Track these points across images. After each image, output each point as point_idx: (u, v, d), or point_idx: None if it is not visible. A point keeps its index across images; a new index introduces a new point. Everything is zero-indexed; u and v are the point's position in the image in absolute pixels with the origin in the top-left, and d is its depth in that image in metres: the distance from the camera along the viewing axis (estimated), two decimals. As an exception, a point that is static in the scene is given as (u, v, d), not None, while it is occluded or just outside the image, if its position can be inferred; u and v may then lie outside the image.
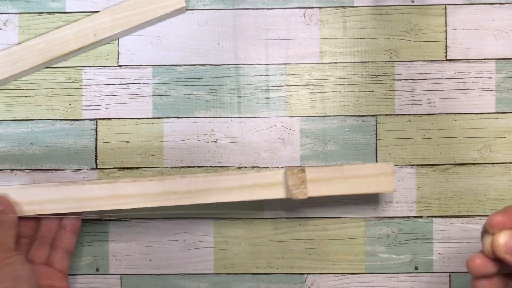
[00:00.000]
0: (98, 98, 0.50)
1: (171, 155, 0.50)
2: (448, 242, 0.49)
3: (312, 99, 0.50)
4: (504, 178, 0.49)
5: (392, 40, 0.50)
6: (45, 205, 0.44)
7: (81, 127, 0.50)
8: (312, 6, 0.50)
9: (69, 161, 0.50)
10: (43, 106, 0.50)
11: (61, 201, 0.44)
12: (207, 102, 0.50)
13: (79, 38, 0.49)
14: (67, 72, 0.50)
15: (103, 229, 0.50)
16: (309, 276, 0.49)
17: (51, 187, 0.44)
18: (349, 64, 0.50)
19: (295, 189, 0.43)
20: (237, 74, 0.50)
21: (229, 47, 0.50)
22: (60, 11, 0.50)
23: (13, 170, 0.50)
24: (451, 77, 0.50)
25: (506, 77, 0.50)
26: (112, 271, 0.50)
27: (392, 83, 0.50)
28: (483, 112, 0.50)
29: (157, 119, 0.50)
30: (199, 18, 0.50)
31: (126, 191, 0.44)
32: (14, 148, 0.50)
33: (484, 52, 0.50)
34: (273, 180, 0.44)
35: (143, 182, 0.44)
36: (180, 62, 0.50)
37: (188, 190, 0.44)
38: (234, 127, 0.50)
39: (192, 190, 0.44)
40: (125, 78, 0.50)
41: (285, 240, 0.50)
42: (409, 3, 0.50)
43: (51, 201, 0.44)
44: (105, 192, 0.44)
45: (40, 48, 0.49)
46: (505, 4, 0.50)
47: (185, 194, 0.44)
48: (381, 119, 0.50)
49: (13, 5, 0.50)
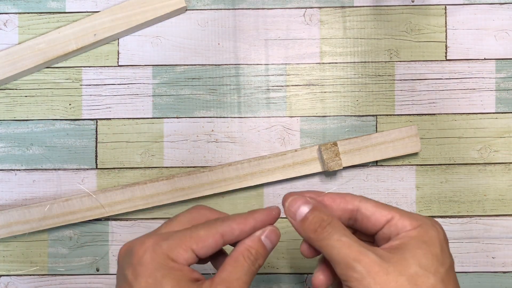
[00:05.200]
0: (98, 98, 0.50)
1: (171, 155, 0.50)
2: (448, 242, 0.49)
3: (312, 99, 0.50)
4: (503, 178, 0.49)
5: (392, 40, 0.50)
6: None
7: (81, 127, 0.50)
8: (312, 6, 0.50)
9: (69, 161, 0.50)
10: (43, 106, 0.50)
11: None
12: (207, 102, 0.50)
13: (79, 38, 0.49)
14: (67, 72, 0.50)
15: (103, 229, 0.50)
16: (309, 276, 0.49)
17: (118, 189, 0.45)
18: (349, 64, 0.50)
19: (331, 161, 0.47)
20: (237, 74, 0.50)
21: (229, 47, 0.50)
22: (60, 11, 0.50)
23: (13, 170, 0.50)
24: (451, 77, 0.50)
25: (506, 77, 0.50)
26: (112, 271, 0.50)
27: (392, 83, 0.50)
28: (483, 112, 0.50)
29: (157, 119, 0.50)
30: (199, 18, 0.50)
31: (183, 184, 0.48)
32: (14, 148, 0.50)
33: (484, 52, 0.50)
34: (310, 156, 0.48)
35: (194, 173, 0.48)
36: (180, 62, 0.50)
37: (236, 175, 0.48)
38: (234, 127, 0.50)
39: (240, 175, 0.48)
40: (125, 78, 0.50)
41: (285, 240, 0.50)
42: (409, 3, 0.50)
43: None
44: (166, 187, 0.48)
45: (40, 48, 0.49)
46: (505, 4, 0.50)
47: (234, 180, 0.48)
48: (381, 119, 0.50)
49: (13, 5, 0.50)
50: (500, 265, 0.49)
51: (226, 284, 0.31)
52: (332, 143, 0.47)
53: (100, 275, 0.50)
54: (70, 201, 0.48)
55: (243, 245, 0.33)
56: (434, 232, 0.32)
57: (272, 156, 0.48)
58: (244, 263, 0.32)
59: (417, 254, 0.31)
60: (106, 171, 0.50)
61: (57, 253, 0.50)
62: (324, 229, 0.32)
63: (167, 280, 0.30)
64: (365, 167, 0.50)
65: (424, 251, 0.31)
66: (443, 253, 0.32)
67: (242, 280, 0.32)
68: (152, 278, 0.30)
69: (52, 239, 0.50)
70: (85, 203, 0.48)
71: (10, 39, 0.50)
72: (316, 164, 0.48)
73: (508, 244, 0.49)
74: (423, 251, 0.31)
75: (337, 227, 0.32)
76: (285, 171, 0.48)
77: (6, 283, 0.50)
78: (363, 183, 0.50)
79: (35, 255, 0.50)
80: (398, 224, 0.33)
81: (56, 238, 0.50)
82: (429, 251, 0.31)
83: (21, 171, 0.50)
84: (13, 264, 0.50)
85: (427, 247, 0.31)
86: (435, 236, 0.32)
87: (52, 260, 0.50)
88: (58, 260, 0.50)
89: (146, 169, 0.50)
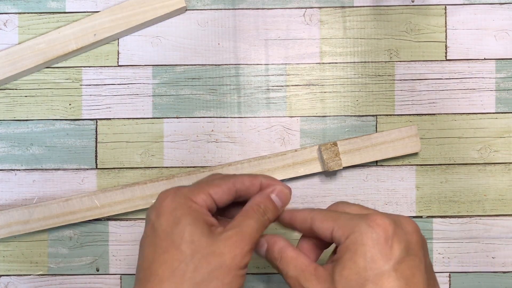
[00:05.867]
0: (98, 98, 0.50)
1: (171, 155, 0.50)
2: (447, 242, 0.49)
3: (312, 99, 0.50)
4: (503, 178, 0.49)
5: (392, 40, 0.50)
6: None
7: (81, 127, 0.50)
8: (312, 6, 0.50)
9: (69, 161, 0.50)
10: (43, 106, 0.50)
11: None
12: (207, 102, 0.50)
13: (79, 38, 0.49)
14: (67, 72, 0.50)
15: (103, 229, 0.50)
16: (309, 276, 0.49)
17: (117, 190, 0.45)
18: (349, 64, 0.50)
19: (331, 161, 0.47)
20: (237, 74, 0.50)
21: (229, 47, 0.50)
22: (60, 11, 0.50)
23: (13, 170, 0.50)
24: (451, 77, 0.50)
25: (505, 77, 0.50)
26: (112, 271, 0.50)
27: (392, 83, 0.50)
28: (483, 112, 0.50)
29: (157, 119, 0.50)
30: (199, 18, 0.50)
31: (183, 184, 0.48)
32: (14, 148, 0.50)
33: (484, 52, 0.50)
34: (310, 156, 0.48)
35: (194, 173, 0.48)
36: (180, 62, 0.50)
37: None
38: (234, 127, 0.50)
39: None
40: (125, 78, 0.50)
41: (285, 240, 0.50)
42: (409, 3, 0.50)
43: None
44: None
45: (40, 48, 0.49)
46: (505, 4, 0.50)
47: None
48: (381, 119, 0.50)
49: (13, 5, 0.50)
50: (500, 265, 0.49)
51: (237, 229, 0.34)
52: (332, 143, 0.47)
53: (100, 275, 0.50)
54: (70, 201, 0.48)
55: (253, 200, 0.36)
56: (369, 234, 0.33)
57: (272, 156, 0.48)
58: (254, 214, 0.35)
59: (346, 265, 0.32)
60: (106, 171, 0.50)
61: (57, 253, 0.50)
62: (279, 261, 0.36)
63: (185, 218, 0.32)
64: (365, 167, 0.50)
65: (354, 259, 0.32)
66: (383, 250, 0.32)
67: (251, 227, 0.34)
68: (172, 216, 0.33)
69: (52, 239, 0.50)
70: (85, 203, 0.48)
71: (10, 39, 0.50)
72: (316, 164, 0.48)
73: (508, 244, 0.49)
74: (352, 260, 0.32)
75: (288, 258, 0.35)
76: (285, 171, 0.48)
77: (6, 283, 0.50)
78: (363, 183, 0.50)
79: (35, 255, 0.50)
80: (336, 236, 0.34)
81: (56, 238, 0.50)
82: (361, 255, 0.32)
83: (21, 171, 0.50)
84: (13, 264, 0.50)
85: (358, 254, 0.32)
86: (369, 238, 0.32)
87: (52, 260, 0.50)
88: (58, 260, 0.50)
89: (146, 169, 0.50)
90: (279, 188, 0.37)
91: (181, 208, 0.33)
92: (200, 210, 0.34)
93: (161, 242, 0.33)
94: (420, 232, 0.35)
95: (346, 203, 0.37)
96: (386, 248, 0.32)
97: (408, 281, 0.32)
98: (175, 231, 0.32)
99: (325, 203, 0.49)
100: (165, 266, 0.32)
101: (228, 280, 0.33)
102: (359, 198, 0.49)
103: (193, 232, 0.32)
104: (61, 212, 0.48)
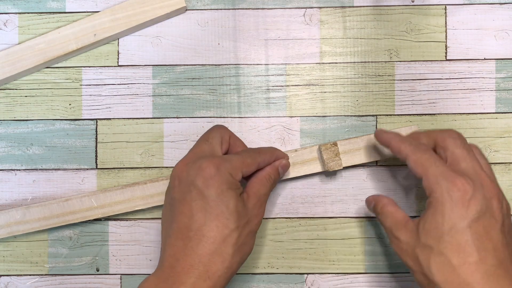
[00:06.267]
0: (98, 98, 0.50)
1: (171, 155, 0.50)
2: (448, 242, 0.49)
3: (312, 99, 0.50)
4: (504, 178, 0.49)
5: (392, 40, 0.50)
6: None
7: (81, 127, 0.50)
8: (312, 6, 0.50)
9: (69, 161, 0.50)
10: (43, 106, 0.50)
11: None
12: (207, 102, 0.50)
13: (79, 38, 0.49)
14: (67, 72, 0.50)
15: (103, 229, 0.50)
16: (309, 276, 0.49)
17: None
18: (349, 64, 0.50)
19: (331, 161, 0.47)
20: (237, 74, 0.50)
21: (229, 47, 0.50)
22: (60, 11, 0.50)
23: (13, 170, 0.50)
24: (451, 77, 0.50)
25: (505, 77, 0.50)
26: (112, 271, 0.50)
27: (392, 83, 0.50)
28: (482, 112, 0.50)
29: (157, 119, 0.50)
30: (199, 18, 0.50)
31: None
32: (14, 148, 0.50)
33: (484, 52, 0.50)
34: (310, 156, 0.48)
35: None
36: (180, 62, 0.50)
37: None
38: (234, 127, 0.50)
39: None
40: (125, 78, 0.50)
41: (285, 240, 0.50)
42: (409, 3, 0.50)
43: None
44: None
45: (40, 48, 0.49)
46: (505, 4, 0.50)
47: None
48: (381, 119, 0.50)
49: (13, 5, 0.50)
50: (500, 265, 0.49)
51: (257, 196, 0.43)
52: (332, 143, 0.47)
53: (100, 275, 0.50)
54: (70, 201, 0.48)
55: (266, 170, 0.44)
56: (448, 196, 0.38)
57: None
58: (267, 183, 0.44)
59: (428, 220, 0.39)
60: (106, 171, 0.50)
61: (57, 253, 0.50)
62: (380, 214, 0.44)
63: (230, 191, 0.40)
64: (365, 167, 0.50)
65: (434, 215, 0.38)
66: (460, 211, 0.37)
67: (266, 194, 0.44)
68: (220, 189, 0.40)
69: (52, 239, 0.50)
70: (85, 203, 0.48)
71: (10, 39, 0.50)
72: (316, 164, 0.48)
73: (508, 244, 0.49)
74: (433, 216, 0.38)
75: (387, 213, 0.43)
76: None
77: (6, 283, 0.50)
78: (363, 183, 0.50)
79: (35, 255, 0.50)
80: (424, 185, 0.40)
81: (56, 238, 0.50)
82: (440, 213, 0.38)
83: (21, 171, 0.50)
84: (13, 264, 0.50)
85: (438, 211, 0.38)
86: (447, 200, 0.38)
87: (52, 260, 0.50)
88: (58, 260, 0.50)
89: (146, 169, 0.50)
90: (284, 162, 0.46)
91: (227, 183, 0.40)
92: (237, 185, 0.41)
93: (212, 209, 0.40)
94: (502, 197, 0.39)
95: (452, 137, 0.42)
96: (462, 209, 0.37)
97: (482, 237, 0.37)
98: (223, 201, 0.40)
99: (325, 203, 0.49)
100: (216, 230, 0.39)
101: (253, 241, 0.43)
102: (359, 198, 0.49)
103: (236, 205, 0.40)
104: (61, 212, 0.48)
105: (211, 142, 0.43)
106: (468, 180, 0.38)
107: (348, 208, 0.49)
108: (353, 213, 0.49)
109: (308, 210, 0.50)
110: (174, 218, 0.40)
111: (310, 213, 0.50)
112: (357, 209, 0.49)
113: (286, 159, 0.46)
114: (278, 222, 0.50)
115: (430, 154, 0.40)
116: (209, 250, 0.39)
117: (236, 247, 0.40)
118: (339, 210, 0.49)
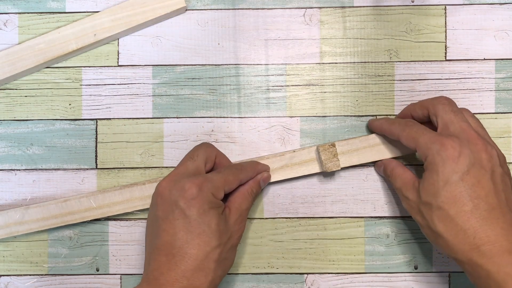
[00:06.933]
0: (98, 98, 0.50)
1: (171, 155, 0.50)
2: (447, 242, 0.49)
3: (312, 99, 0.50)
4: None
5: (392, 40, 0.50)
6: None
7: (81, 127, 0.50)
8: (312, 6, 0.50)
9: (69, 161, 0.50)
10: (43, 106, 0.50)
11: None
12: (207, 102, 0.50)
13: (79, 38, 0.49)
14: (67, 72, 0.50)
15: (103, 229, 0.50)
16: (309, 276, 0.49)
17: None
18: (349, 64, 0.50)
19: (329, 162, 0.47)
20: (237, 74, 0.50)
21: (229, 47, 0.50)
22: (60, 11, 0.50)
23: (13, 170, 0.50)
24: (451, 77, 0.50)
25: (505, 77, 0.50)
26: (112, 271, 0.50)
27: (392, 83, 0.50)
28: (482, 112, 0.50)
29: (157, 119, 0.50)
30: (199, 18, 0.50)
31: None
32: (14, 148, 0.50)
33: (484, 52, 0.50)
34: (308, 157, 0.48)
35: None
36: (180, 62, 0.50)
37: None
38: (234, 127, 0.50)
39: None
40: (125, 78, 0.50)
41: (285, 240, 0.50)
42: (409, 3, 0.50)
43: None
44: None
45: (40, 48, 0.49)
46: (504, 4, 0.50)
47: None
48: (381, 119, 0.50)
49: (13, 5, 0.50)
50: (500, 265, 0.49)
51: (239, 211, 0.44)
52: (330, 144, 0.47)
53: (100, 275, 0.50)
54: (68, 201, 0.48)
55: (248, 184, 0.46)
56: (439, 156, 0.41)
57: (270, 156, 0.48)
58: (249, 197, 0.45)
59: (425, 179, 0.42)
60: (106, 171, 0.50)
61: (57, 253, 0.50)
62: (391, 176, 0.47)
63: (212, 211, 0.41)
64: (364, 167, 0.50)
65: (430, 175, 0.42)
66: (451, 166, 0.40)
67: (247, 208, 0.45)
68: (202, 209, 0.41)
69: (52, 239, 0.50)
70: (84, 204, 0.48)
71: (10, 39, 0.50)
72: (314, 165, 0.48)
73: (507, 244, 0.49)
74: (429, 175, 0.42)
75: (397, 174, 0.46)
76: (284, 172, 0.48)
77: (6, 283, 0.50)
78: (363, 183, 0.50)
79: (35, 255, 0.50)
80: (419, 155, 0.43)
81: (56, 238, 0.50)
82: (435, 172, 0.41)
83: (21, 171, 0.50)
84: (13, 264, 0.50)
85: (433, 171, 0.41)
86: (439, 159, 0.41)
87: (52, 260, 0.50)
88: (58, 260, 0.50)
89: (146, 169, 0.50)
90: (266, 175, 0.47)
91: (209, 203, 0.41)
92: (219, 203, 0.43)
93: (193, 228, 0.41)
94: (489, 150, 0.41)
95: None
96: (453, 164, 0.40)
97: (474, 186, 0.40)
98: (204, 221, 0.41)
99: (325, 203, 0.49)
100: (198, 248, 0.41)
101: (234, 254, 0.44)
102: (359, 198, 0.49)
103: (218, 223, 0.41)
104: (59, 213, 0.48)
105: (196, 159, 0.44)
106: (455, 139, 0.41)
107: (348, 208, 0.50)
108: (353, 213, 0.49)
109: (308, 210, 0.50)
110: (157, 235, 0.41)
111: (310, 213, 0.50)
112: (357, 209, 0.49)
113: (267, 172, 0.48)
114: (278, 222, 0.50)
115: (418, 127, 0.43)
116: (192, 266, 0.40)
117: (218, 262, 0.42)
118: (339, 210, 0.50)
